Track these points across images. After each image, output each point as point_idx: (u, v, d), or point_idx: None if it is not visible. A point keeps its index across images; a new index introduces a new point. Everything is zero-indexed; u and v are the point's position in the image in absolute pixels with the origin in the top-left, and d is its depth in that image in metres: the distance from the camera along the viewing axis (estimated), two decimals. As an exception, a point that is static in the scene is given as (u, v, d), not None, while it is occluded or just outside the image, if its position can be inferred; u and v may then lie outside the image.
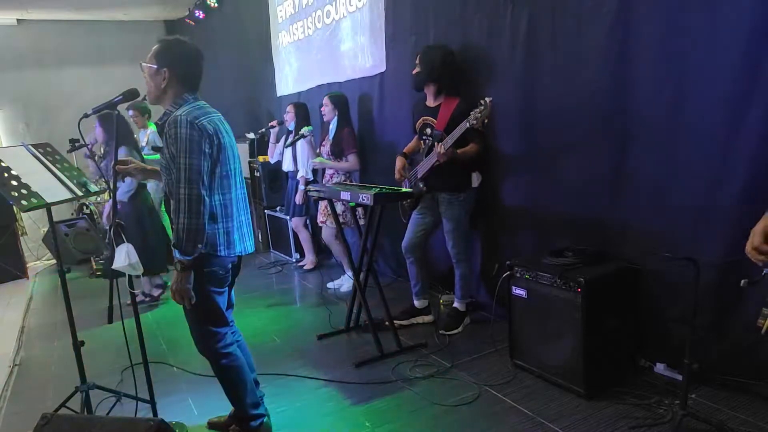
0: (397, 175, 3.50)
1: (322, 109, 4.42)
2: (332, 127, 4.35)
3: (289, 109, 4.89)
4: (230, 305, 2.44)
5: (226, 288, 2.30)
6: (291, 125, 4.85)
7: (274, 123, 5.20)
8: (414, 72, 3.34)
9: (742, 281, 1.71)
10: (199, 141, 2.03)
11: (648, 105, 2.53)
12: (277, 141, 5.16)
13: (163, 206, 6.30)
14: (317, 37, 5.13)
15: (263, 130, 5.45)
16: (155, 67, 2.14)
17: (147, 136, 6.01)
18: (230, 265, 2.26)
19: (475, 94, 3.25)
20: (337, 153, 4.29)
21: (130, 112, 5.59)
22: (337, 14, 4.77)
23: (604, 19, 2.63)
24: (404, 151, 3.57)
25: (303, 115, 4.81)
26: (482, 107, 2.95)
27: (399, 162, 3.49)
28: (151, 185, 6.09)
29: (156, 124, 2.27)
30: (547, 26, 2.92)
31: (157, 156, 5.92)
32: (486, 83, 3.34)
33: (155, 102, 2.22)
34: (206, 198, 2.05)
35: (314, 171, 4.75)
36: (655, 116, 2.50)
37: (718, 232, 2.35)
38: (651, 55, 2.48)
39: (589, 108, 2.78)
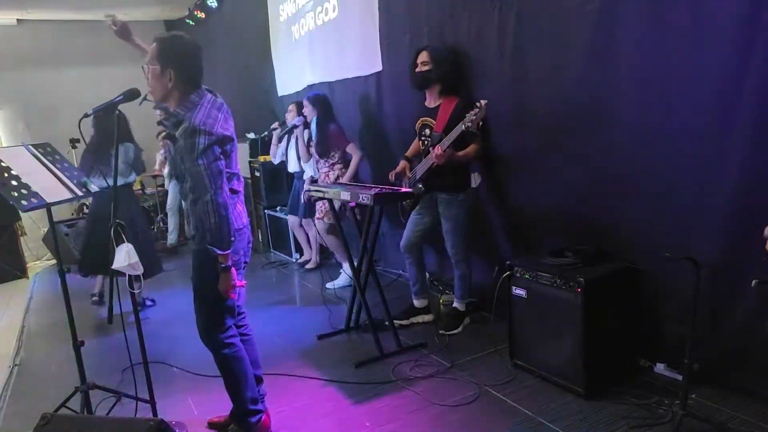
0: (392, 177, 3.49)
1: (303, 111, 4.44)
2: (313, 127, 4.36)
3: (291, 108, 4.91)
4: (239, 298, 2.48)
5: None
6: (293, 124, 4.86)
7: (275, 125, 5.22)
8: (421, 70, 3.29)
9: (754, 282, 1.71)
10: (213, 146, 2.09)
11: (639, 104, 2.52)
12: (279, 142, 5.17)
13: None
14: (315, 36, 5.13)
15: (266, 133, 5.46)
16: (159, 67, 2.12)
17: None
18: (247, 244, 2.32)
19: (470, 94, 3.26)
20: (321, 152, 4.30)
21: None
22: (334, 13, 4.76)
23: (590, 18, 2.63)
24: (406, 154, 3.56)
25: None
26: (477, 110, 2.95)
27: (401, 165, 3.48)
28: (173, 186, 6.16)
29: (162, 123, 2.25)
30: (535, 24, 2.92)
31: None
32: (479, 82, 3.34)
33: (162, 101, 2.22)
34: (227, 195, 2.14)
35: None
36: (647, 115, 2.50)
37: (715, 232, 2.35)
38: (638, 53, 2.47)
39: (581, 107, 2.78)
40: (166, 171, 6.30)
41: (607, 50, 2.60)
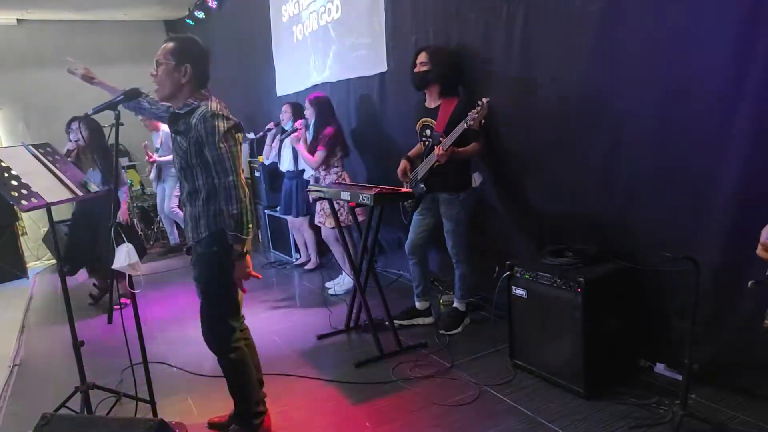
0: (400, 177, 3.50)
1: (305, 112, 4.44)
2: (311, 129, 4.36)
3: (286, 108, 4.91)
4: None
5: None
6: (288, 125, 4.86)
7: (270, 125, 5.22)
8: (420, 70, 3.30)
9: (750, 282, 1.71)
10: (231, 130, 2.15)
11: (640, 104, 2.53)
12: (272, 142, 5.17)
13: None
14: (319, 36, 5.13)
15: (261, 133, 5.46)
16: (173, 63, 2.16)
17: (160, 137, 6.03)
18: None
19: (473, 94, 3.26)
20: (313, 153, 4.31)
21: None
22: (337, 14, 4.76)
23: (596, 17, 2.63)
24: (408, 154, 3.56)
25: (299, 114, 4.82)
26: (479, 108, 2.95)
27: (402, 164, 3.49)
28: (170, 183, 6.13)
29: (176, 112, 2.24)
30: (542, 24, 2.92)
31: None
32: (484, 82, 3.33)
33: (168, 99, 2.24)
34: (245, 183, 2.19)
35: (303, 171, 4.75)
36: (649, 115, 2.50)
37: (714, 232, 2.35)
38: (642, 53, 2.48)
39: (584, 107, 2.78)
40: (152, 174, 6.26)
41: (611, 50, 2.60)
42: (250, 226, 2.17)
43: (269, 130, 5.22)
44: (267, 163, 5.29)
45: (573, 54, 2.79)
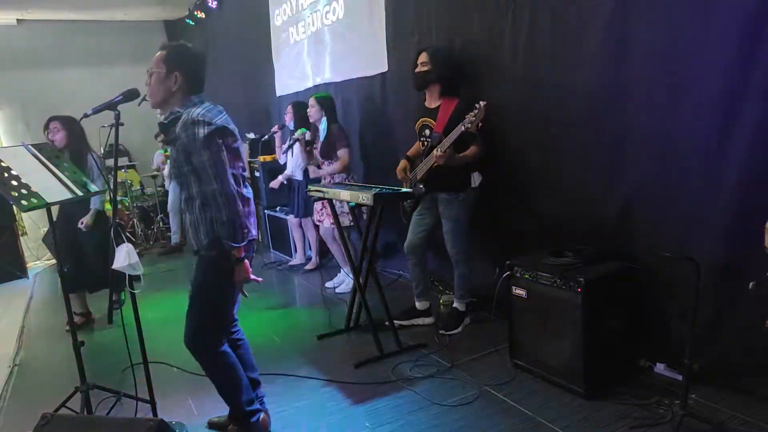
0: (399, 176, 3.50)
1: (308, 110, 4.44)
2: (322, 128, 4.35)
3: (289, 109, 4.92)
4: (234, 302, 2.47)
5: None
6: (291, 125, 4.88)
7: (275, 129, 5.23)
8: (421, 70, 3.30)
9: (750, 283, 1.71)
10: (214, 136, 2.10)
11: (643, 105, 2.53)
12: (283, 142, 5.18)
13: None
14: (319, 36, 5.13)
15: (266, 137, 5.47)
16: (164, 71, 2.16)
17: None
18: (253, 253, 2.31)
19: (476, 95, 3.26)
20: (326, 154, 4.29)
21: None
22: (338, 14, 4.77)
23: (602, 20, 2.64)
24: (408, 154, 3.56)
25: (302, 114, 4.82)
26: (476, 111, 2.95)
27: (401, 164, 3.49)
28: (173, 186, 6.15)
29: (161, 123, 2.25)
30: (548, 26, 2.92)
31: None
32: (487, 83, 3.34)
33: (159, 106, 2.24)
34: (235, 189, 2.14)
35: (305, 172, 4.75)
36: (651, 117, 2.50)
37: (715, 233, 2.35)
38: (647, 56, 2.48)
39: (587, 108, 2.78)
40: (166, 171, 6.29)
41: (615, 53, 2.60)
42: (245, 231, 2.15)
43: (275, 133, 5.23)
44: (282, 162, 5.29)
45: (577, 56, 2.79)
